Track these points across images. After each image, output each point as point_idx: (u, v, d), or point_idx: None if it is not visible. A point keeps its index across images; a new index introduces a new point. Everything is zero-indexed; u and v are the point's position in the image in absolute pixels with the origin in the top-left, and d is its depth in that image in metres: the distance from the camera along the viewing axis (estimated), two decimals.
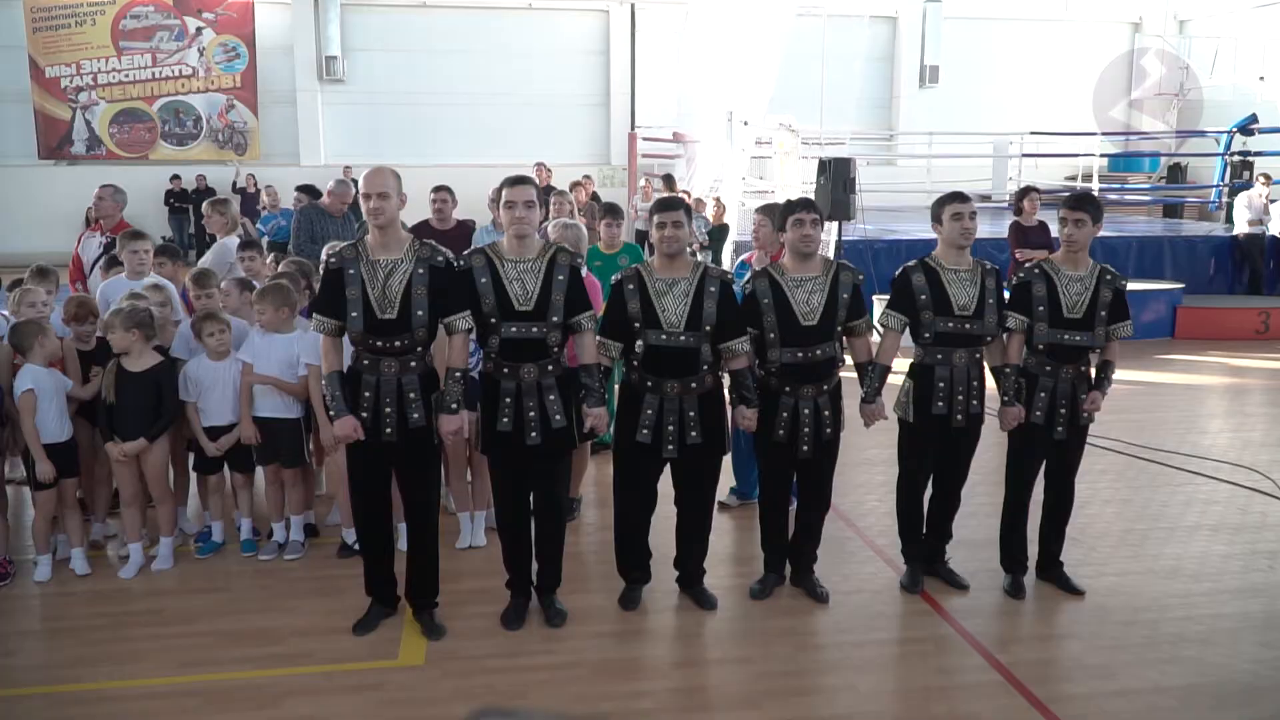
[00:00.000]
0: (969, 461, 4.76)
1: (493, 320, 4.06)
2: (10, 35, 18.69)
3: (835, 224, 10.36)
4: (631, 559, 4.62)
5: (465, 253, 4.23)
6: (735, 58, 15.28)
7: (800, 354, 4.34)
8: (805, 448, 4.41)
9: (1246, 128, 16.57)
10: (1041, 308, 4.43)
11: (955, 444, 4.63)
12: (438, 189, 7.26)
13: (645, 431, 4.24)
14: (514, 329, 4.06)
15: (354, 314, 3.95)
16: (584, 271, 4.77)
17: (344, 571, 4.91)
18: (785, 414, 4.40)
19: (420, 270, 3.99)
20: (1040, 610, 4.59)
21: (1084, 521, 5.67)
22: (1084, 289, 4.44)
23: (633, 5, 20.20)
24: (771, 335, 4.34)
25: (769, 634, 4.36)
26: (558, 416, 4.15)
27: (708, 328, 4.19)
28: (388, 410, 4.01)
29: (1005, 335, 4.54)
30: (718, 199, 12.79)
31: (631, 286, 4.24)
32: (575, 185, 13.17)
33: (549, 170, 12.29)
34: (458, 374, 4.10)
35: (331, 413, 4.11)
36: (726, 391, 4.47)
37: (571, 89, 20.39)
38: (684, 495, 4.52)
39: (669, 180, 13.38)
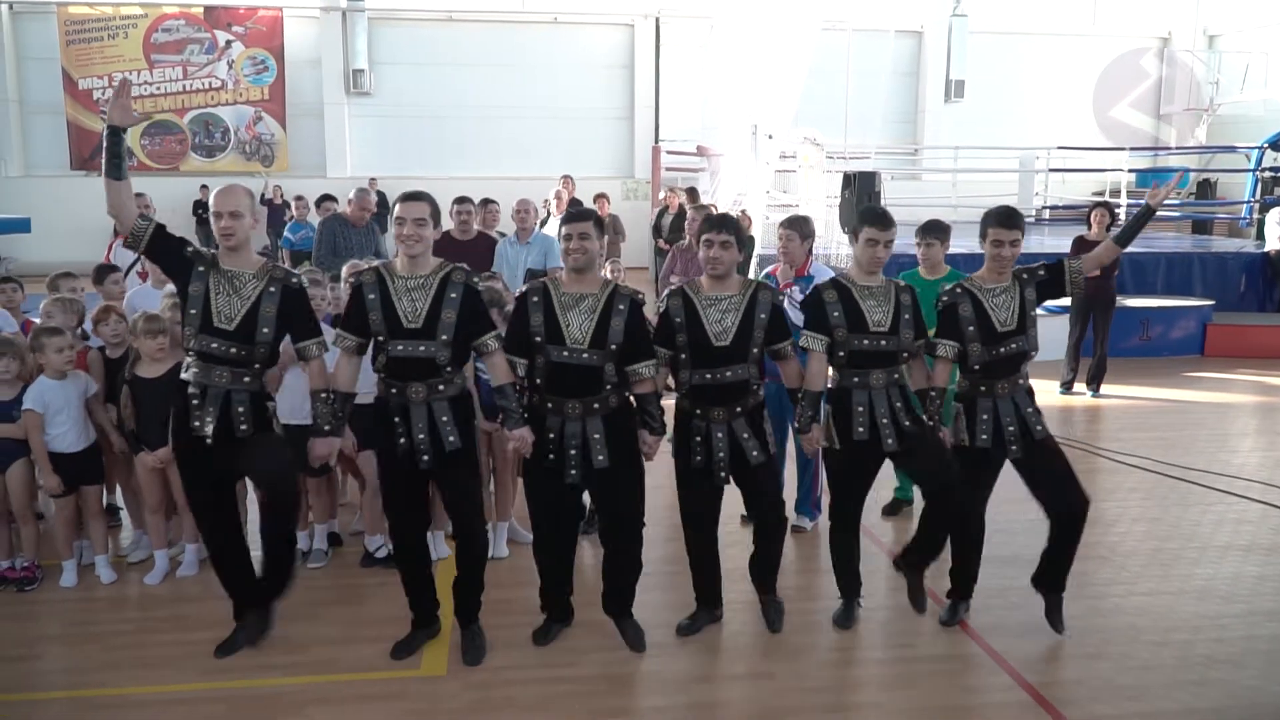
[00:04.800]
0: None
1: (379, 338, 3.95)
2: (44, 48, 18.99)
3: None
4: (551, 594, 4.42)
5: (357, 270, 4.13)
6: (760, 71, 15.29)
7: (709, 375, 4.13)
8: (723, 474, 4.17)
9: (1278, 143, 16.39)
10: (971, 328, 4.26)
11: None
12: (460, 200, 7.29)
13: (551, 456, 4.05)
14: (400, 347, 3.92)
15: (191, 311, 3.90)
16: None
17: (367, 580, 4.91)
18: (698, 438, 4.19)
19: (271, 289, 3.93)
20: (1070, 630, 4.51)
21: (1114, 540, 5.61)
22: (1010, 298, 4.31)
23: (657, 19, 20.27)
24: (683, 355, 4.16)
25: (793, 649, 4.32)
26: (451, 438, 3.97)
27: (613, 346, 4.00)
28: (209, 418, 3.92)
29: (931, 359, 4.37)
30: (744, 211, 12.78)
31: (536, 299, 4.05)
32: (595, 199, 13.24)
33: (574, 183, 12.32)
34: (324, 395, 4.04)
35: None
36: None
37: (596, 103, 20.47)
38: (606, 526, 4.31)
39: (693, 193, 13.36)
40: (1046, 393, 9.04)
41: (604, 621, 4.50)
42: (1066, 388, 9.14)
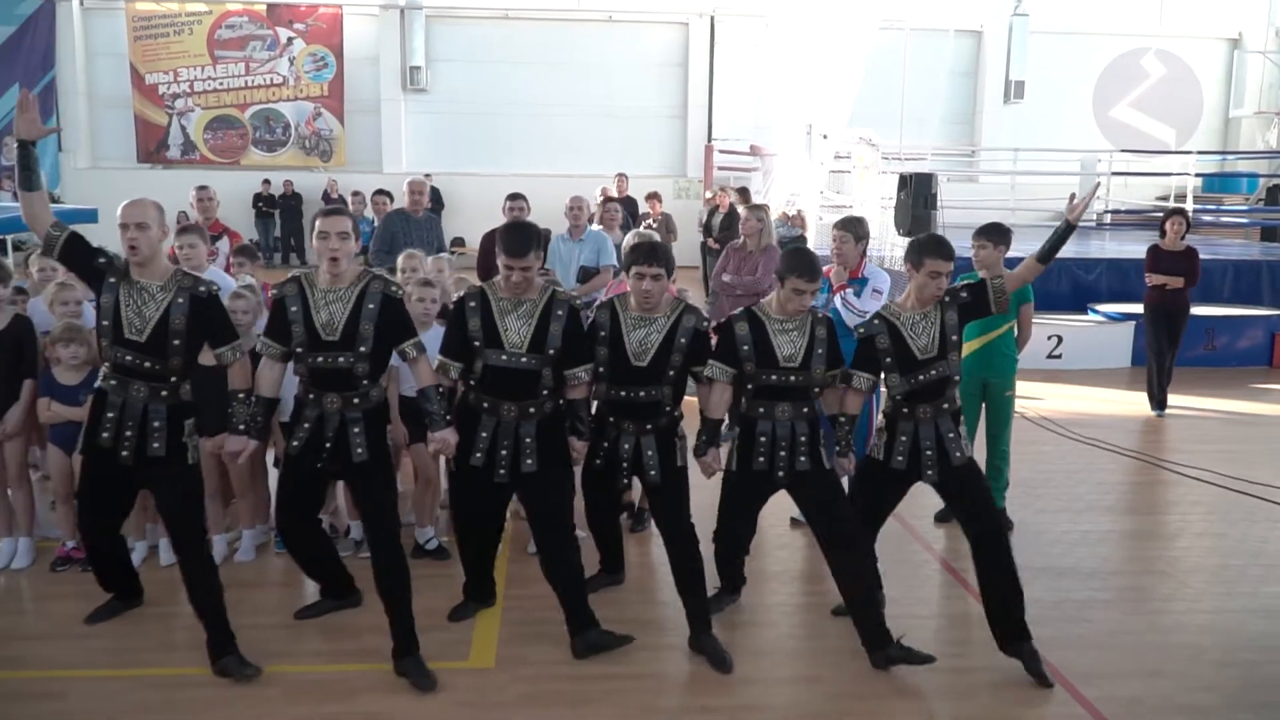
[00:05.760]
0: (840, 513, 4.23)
1: (299, 349, 3.95)
2: (114, 44, 19.45)
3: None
4: (472, 582, 4.52)
5: (279, 282, 4.12)
6: (815, 71, 15.20)
7: (624, 393, 4.17)
8: (625, 481, 4.41)
9: None
10: (889, 359, 4.14)
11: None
12: (513, 197, 7.32)
13: (479, 455, 4.07)
14: (320, 359, 3.92)
15: (104, 322, 3.90)
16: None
17: (418, 571, 4.88)
18: (605, 444, 4.25)
19: (180, 300, 3.90)
20: (1128, 645, 4.42)
21: (1175, 555, 5.49)
22: (930, 324, 4.16)
23: (712, 17, 20.21)
24: (602, 369, 4.18)
25: (842, 654, 4.27)
26: (359, 449, 3.97)
27: (551, 351, 4.02)
28: (128, 433, 3.91)
29: (843, 387, 4.26)
30: (798, 211, 12.69)
31: (474, 304, 4.06)
32: (648, 198, 13.25)
33: (627, 181, 12.32)
34: (241, 395, 4.07)
35: None
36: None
37: (649, 101, 20.47)
38: (536, 530, 4.30)
39: (744, 193, 13.31)
40: (1128, 405, 8.88)
41: (651, 620, 4.50)
42: (1159, 406, 8.48)
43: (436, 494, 5.37)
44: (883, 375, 4.22)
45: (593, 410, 4.34)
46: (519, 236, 4.05)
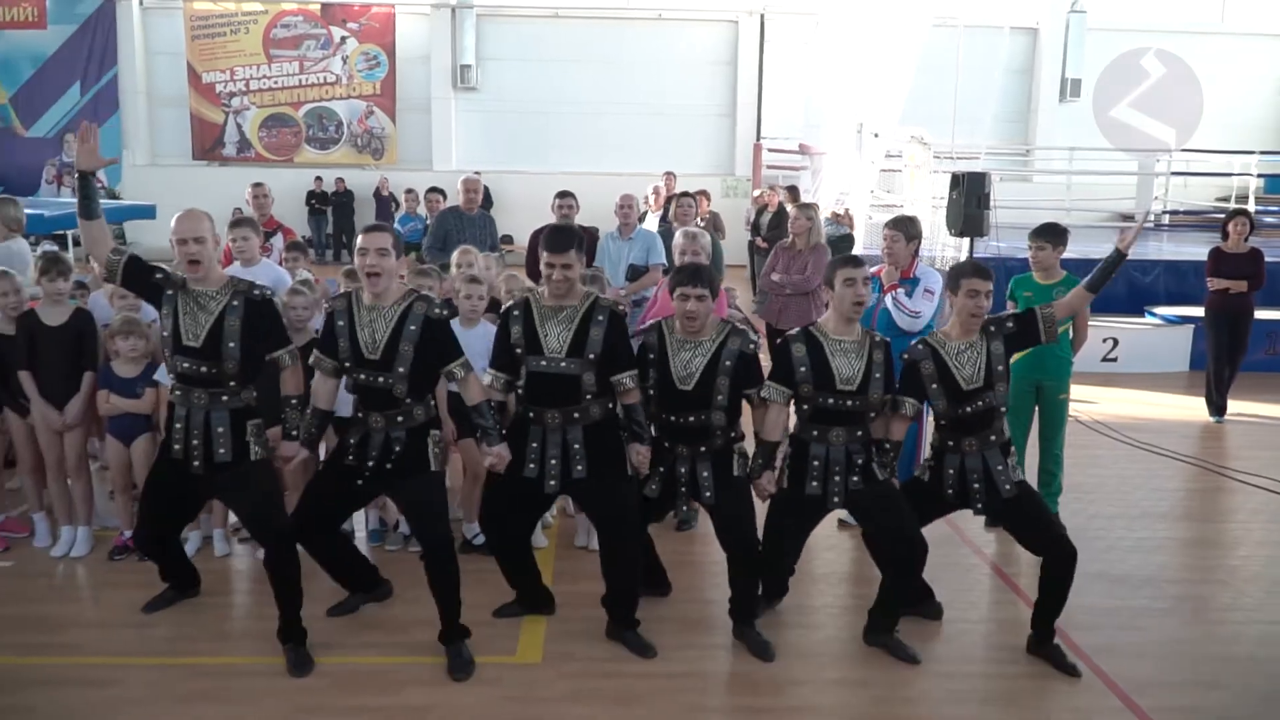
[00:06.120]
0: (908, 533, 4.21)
1: (347, 365, 3.99)
2: (172, 43, 19.81)
3: (966, 240, 10.05)
4: (526, 596, 4.52)
5: (332, 296, 4.17)
6: (866, 68, 15.06)
7: (674, 418, 4.14)
8: (684, 508, 4.42)
9: None
10: (935, 385, 4.11)
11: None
12: (562, 195, 7.35)
13: (532, 466, 4.07)
14: (363, 376, 3.97)
15: (165, 334, 4.00)
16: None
17: (466, 567, 4.92)
18: (662, 468, 4.19)
19: (235, 303, 3.97)
20: (1185, 655, 4.33)
21: (1235, 564, 5.37)
22: (976, 354, 4.11)
23: (762, 15, 20.10)
24: (652, 393, 4.15)
25: (889, 658, 4.23)
26: (391, 463, 3.98)
27: (591, 355, 4.00)
28: (195, 442, 4.00)
29: (891, 413, 4.21)
30: (846, 210, 12.59)
31: (517, 313, 4.11)
32: (696, 195, 13.20)
33: (675, 179, 12.31)
34: (294, 401, 4.13)
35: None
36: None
37: (698, 99, 20.41)
38: (603, 531, 4.28)
39: (793, 192, 13.24)
40: (1185, 410, 8.70)
41: (699, 619, 4.50)
42: (1218, 412, 8.31)
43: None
44: (928, 403, 4.21)
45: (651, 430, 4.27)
46: (560, 234, 4.11)
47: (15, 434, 5.06)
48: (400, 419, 3.99)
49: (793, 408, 4.23)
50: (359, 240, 3.99)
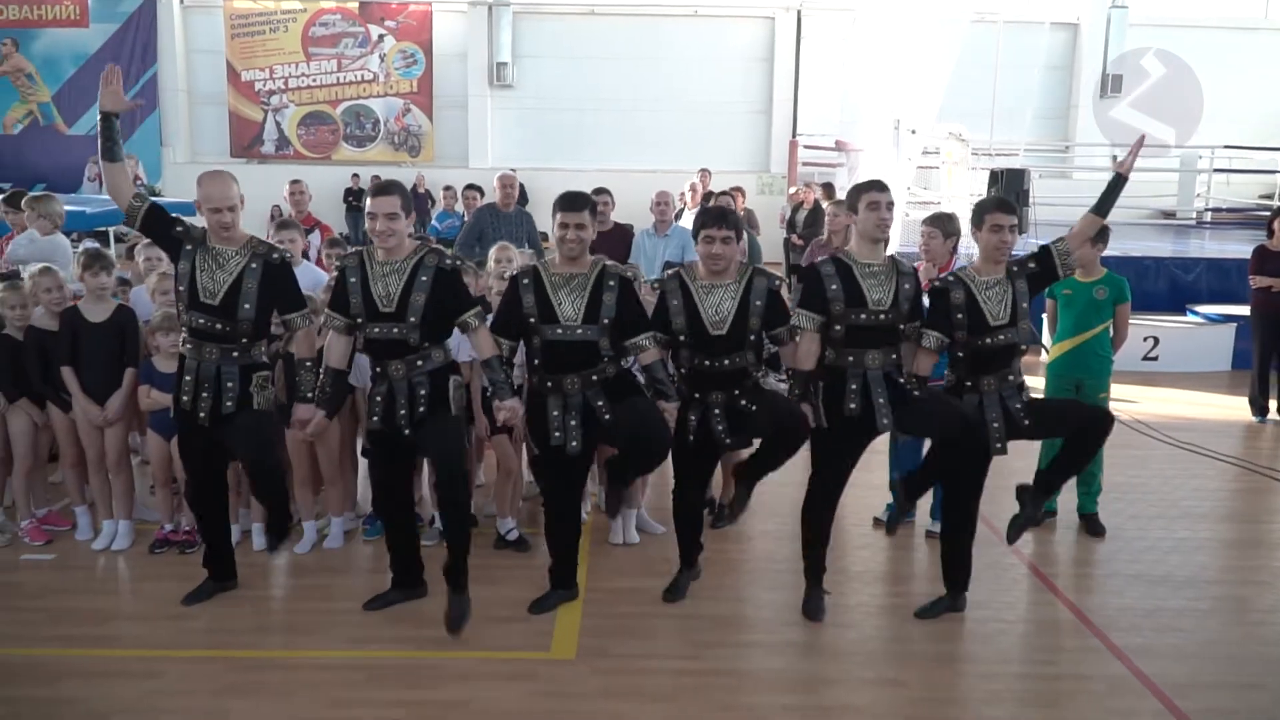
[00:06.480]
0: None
1: (359, 320, 4.11)
2: (212, 41, 20.07)
3: None
4: (561, 573, 4.53)
5: (343, 254, 4.31)
6: (904, 65, 14.91)
7: (708, 362, 4.16)
8: (728, 440, 4.22)
9: None
10: (960, 315, 4.18)
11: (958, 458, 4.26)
12: (597, 192, 7.35)
13: (557, 434, 4.14)
14: (377, 329, 4.09)
15: (180, 288, 4.13)
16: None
17: (500, 562, 5.01)
18: (693, 417, 4.23)
19: (254, 265, 4.09)
20: (1226, 656, 4.26)
21: (1278, 565, 5.27)
22: (1004, 291, 4.21)
23: (799, 12, 19.99)
24: (681, 338, 4.18)
25: (926, 658, 4.20)
26: (421, 409, 4.10)
27: (605, 321, 4.09)
28: (204, 395, 4.15)
29: (916, 346, 4.28)
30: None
31: (527, 282, 4.15)
32: (731, 192, 13.16)
33: (710, 176, 12.28)
34: (308, 363, 4.25)
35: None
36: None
37: (734, 96, 20.34)
38: (623, 437, 4.23)
39: (829, 189, 13.16)
40: (1227, 410, 8.57)
41: (733, 617, 4.49)
42: (1261, 412, 8.18)
43: (518, 486, 5.42)
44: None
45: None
46: (574, 195, 4.23)
47: (58, 429, 5.15)
48: (420, 363, 4.10)
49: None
50: (367, 204, 4.10)
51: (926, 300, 4.34)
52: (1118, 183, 4.39)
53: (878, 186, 4.19)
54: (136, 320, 5.17)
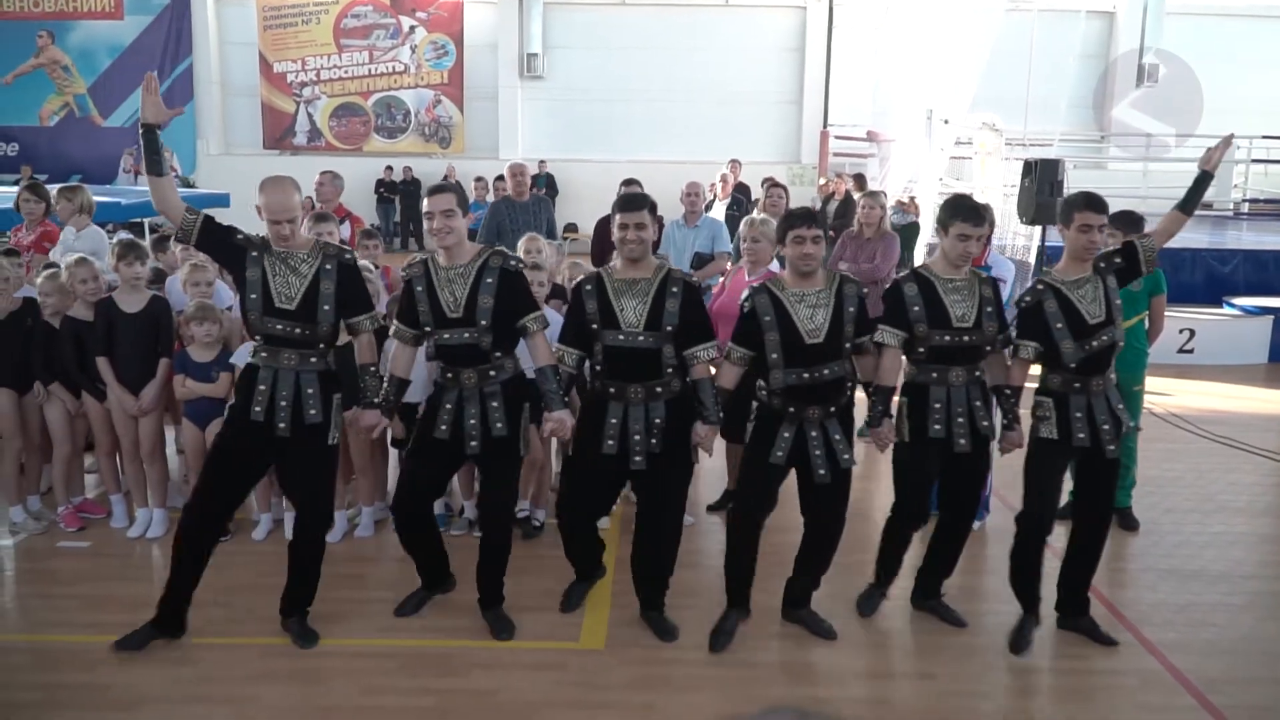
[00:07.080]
0: (980, 489, 4.46)
1: (428, 328, 4.06)
2: (244, 33, 20.24)
3: (1038, 229, 9.84)
4: (583, 568, 4.55)
5: (408, 261, 4.17)
6: (937, 54, 14.79)
7: (805, 374, 3.94)
8: (821, 472, 3.97)
9: None
10: (1060, 325, 4.01)
11: (963, 470, 4.20)
12: (628, 182, 7.34)
13: (611, 442, 4.00)
14: (447, 336, 4.02)
15: (252, 295, 3.95)
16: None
17: (529, 552, 5.02)
18: (787, 435, 3.99)
19: (328, 266, 3.97)
20: (1260, 652, 4.21)
21: None
22: (1095, 288, 4.05)
23: (830, 1, 19.86)
24: (774, 355, 3.95)
25: (958, 651, 4.18)
26: (499, 424, 4.03)
27: (669, 328, 3.97)
28: (282, 403, 3.95)
29: (1009, 358, 4.17)
30: (912, 198, 12.39)
31: (590, 288, 4.05)
32: (763, 183, 13.09)
33: (740, 167, 12.23)
34: (373, 368, 4.14)
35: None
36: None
37: (765, 86, 20.25)
38: (644, 513, 4.21)
39: (860, 180, 13.09)
40: (1264, 403, 8.45)
41: (762, 609, 4.46)
42: None
43: (546, 476, 5.44)
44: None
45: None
46: (633, 197, 4.15)
47: (93, 418, 5.21)
48: (493, 373, 4.05)
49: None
50: (424, 204, 4.06)
51: (1011, 313, 4.27)
52: (1204, 180, 4.23)
53: (974, 220, 4.04)
54: (171, 310, 5.23)
